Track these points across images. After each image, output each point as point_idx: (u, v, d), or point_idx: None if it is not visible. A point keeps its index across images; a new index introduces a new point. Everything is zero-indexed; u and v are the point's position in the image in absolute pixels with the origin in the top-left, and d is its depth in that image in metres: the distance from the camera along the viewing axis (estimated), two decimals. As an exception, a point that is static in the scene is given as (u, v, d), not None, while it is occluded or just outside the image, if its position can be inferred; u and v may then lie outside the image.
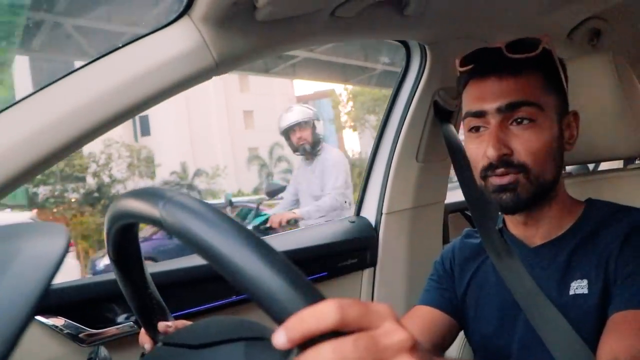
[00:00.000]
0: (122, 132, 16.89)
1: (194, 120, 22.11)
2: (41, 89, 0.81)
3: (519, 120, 0.83)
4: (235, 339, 0.52)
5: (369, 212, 1.44)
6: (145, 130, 21.20)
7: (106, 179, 15.62)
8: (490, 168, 0.85)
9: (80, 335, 0.96)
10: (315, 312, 0.34)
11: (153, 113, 19.81)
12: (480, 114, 0.86)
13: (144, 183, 16.80)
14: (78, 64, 0.85)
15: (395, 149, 1.38)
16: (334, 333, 0.34)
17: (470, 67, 0.88)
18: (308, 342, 0.34)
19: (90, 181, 15.42)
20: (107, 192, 14.95)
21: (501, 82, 0.84)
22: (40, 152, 0.77)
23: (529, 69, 0.84)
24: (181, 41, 0.87)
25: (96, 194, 14.91)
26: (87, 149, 14.53)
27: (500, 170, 0.84)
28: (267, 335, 0.52)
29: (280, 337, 0.35)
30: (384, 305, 0.36)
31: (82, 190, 14.91)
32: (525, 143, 0.83)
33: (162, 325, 0.66)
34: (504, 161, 0.83)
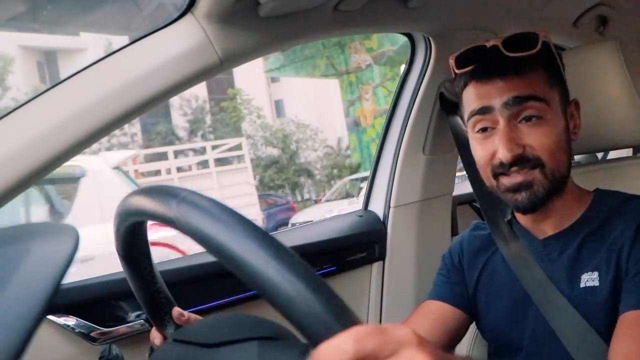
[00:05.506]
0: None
1: (316, 105, 23.56)
2: (45, 91, 0.82)
3: (527, 118, 0.82)
4: (247, 339, 0.51)
5: (377, 206, 1.43)
6: (280, 112, 23.43)
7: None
8: (501, 167, 0.83)
9: (92, 334, 0.97)
10: (333, 346, 0.34)
11: (286, 97, 23.06)
12: (486, 110, 0.83)
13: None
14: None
15: (402, 142, 1.37)
16: None
17: (469, 68, 0.86)
18: None
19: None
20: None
21: (505, 81, 0.82)
22: (48, 152, 0.78)
23: (531, 66, 0.83)
24: (185, 39, 0.87)
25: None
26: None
27: (514, 169, 0.82)
28: (280, 334, 0.51)
29: None
30: (405, 330, 0.35)
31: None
32: (537, 139, 0.81)
33: (176, 312, 0.66)
34: (518, 160, 0.81)
